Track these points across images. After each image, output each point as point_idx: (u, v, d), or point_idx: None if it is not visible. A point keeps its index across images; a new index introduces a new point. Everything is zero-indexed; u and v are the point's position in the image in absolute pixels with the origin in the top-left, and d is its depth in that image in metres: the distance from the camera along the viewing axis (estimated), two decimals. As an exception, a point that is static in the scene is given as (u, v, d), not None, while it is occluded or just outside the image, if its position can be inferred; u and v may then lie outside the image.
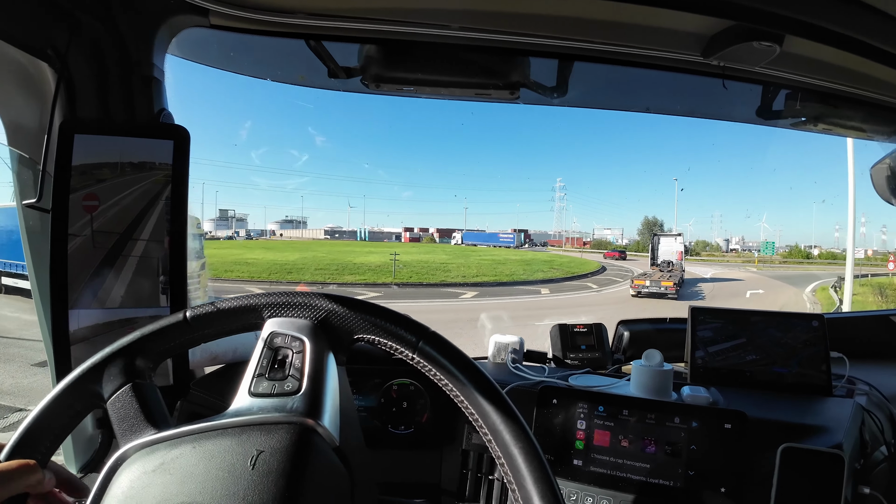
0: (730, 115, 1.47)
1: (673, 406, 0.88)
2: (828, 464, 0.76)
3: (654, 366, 0.96)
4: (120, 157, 1.01)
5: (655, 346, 1.01)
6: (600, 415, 0.91)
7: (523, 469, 0.46)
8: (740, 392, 1.05)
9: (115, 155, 1.00)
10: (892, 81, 1.17)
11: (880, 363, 1.46)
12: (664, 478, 0.85)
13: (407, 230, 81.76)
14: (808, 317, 1.12)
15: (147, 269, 1.00)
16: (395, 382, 1.12)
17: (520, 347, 1.24)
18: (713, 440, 0.85)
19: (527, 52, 1.14)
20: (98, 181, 0.98)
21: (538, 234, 79.97)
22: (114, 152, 1.00)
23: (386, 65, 1.16)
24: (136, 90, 1.07)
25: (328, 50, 1.14)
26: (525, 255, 40.20)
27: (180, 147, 1.02)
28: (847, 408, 0.95)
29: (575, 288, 22.19)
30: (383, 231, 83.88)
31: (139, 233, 1.00)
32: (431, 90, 1.21)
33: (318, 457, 0.48)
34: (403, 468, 1.11)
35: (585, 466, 0.90)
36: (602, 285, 23.48)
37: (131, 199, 1.01)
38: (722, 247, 71.00)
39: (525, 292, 20.15)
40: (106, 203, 0.99)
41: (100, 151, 0.99)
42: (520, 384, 1.04)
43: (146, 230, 1.00)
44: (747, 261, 51.49)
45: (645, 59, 1.14)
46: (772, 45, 0.97)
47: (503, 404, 0.49)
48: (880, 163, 1.59)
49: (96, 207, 0.98)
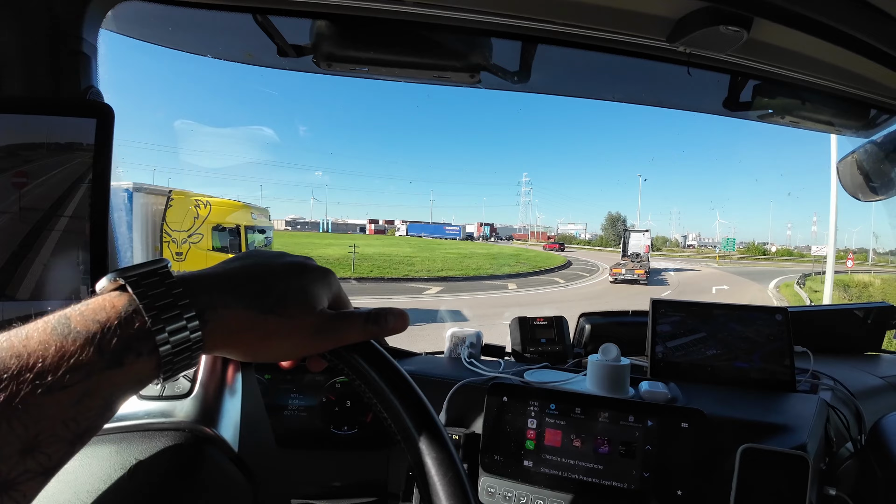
0: (697, 106, 1.44)
1: (627, 404, 0.84)
2: (791, 466, 0.72)
3: (610, 360, 0.92)
4: (37, 138, 0.92)
5: (617, 339, 0.97)
6: (552, 413, 0.86)
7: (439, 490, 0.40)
8: (701, 388, 1.01)
9: (31, 135, 0.92)
10: (862, 73, 1.15)
11: (845, 357, 1.46)
12: (618, 480, 0.81)
13: (372, 222, 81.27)
14: (771, 310, 1.10)
15: (65, 259, 0.92)
16: (339, 380, 1.06)
17: (477, 341, 1.19)
18: (670, 440, 0.80)
19: (488, 32, 1.08)
20: (11, 165, 0.90)
21: (504, 228, 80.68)
22: (29, 132, 0.92)
23: (338, 42, 1.09)
24: (63, 65, 1.00)
25: (276, 26, 1.07)
26: (491, 249, 40.18)
27: (104, 126, 0.94)
28: (811, 404, 0.92)
29: (542, 283, 22.35)
30: (347, 223, 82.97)
31: (55, 222, 0.91)
32: (387, 71, 1.14)
33: (209, 467, 0.43)
34: (349, 470, 1.05)
35: (536, 468, 0.85)
36: (569, 280, 24.06)
37: (49, 185, 0.93)
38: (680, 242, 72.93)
39: (492, 287, 19.96)
40: (22, 189, 0.90)
41: (13, 131, 0.90)
42: (471, 380, 0.99)
43: (64, 218, 0.92)
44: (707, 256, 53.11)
45: (610, 44, 1.10)
46: (739, 30, 0.93)
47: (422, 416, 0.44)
48: (847, 158, 1.58)
49: (10, 194, 0.89)
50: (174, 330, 0.36)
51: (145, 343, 0.35)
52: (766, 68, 1.15)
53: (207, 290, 0.40)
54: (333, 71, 1.14)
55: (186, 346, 0.37)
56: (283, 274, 0.44)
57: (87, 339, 0.33)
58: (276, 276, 0.43)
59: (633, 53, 1.13)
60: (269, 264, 0.44)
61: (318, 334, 0.43)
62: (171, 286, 0.37)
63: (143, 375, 0.36)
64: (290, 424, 1.03)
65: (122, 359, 0.34)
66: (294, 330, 0.42)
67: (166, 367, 0.37)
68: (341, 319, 0.45)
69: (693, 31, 0.97)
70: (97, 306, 0.35)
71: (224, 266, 0.43)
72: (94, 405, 0.33)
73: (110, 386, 0.34)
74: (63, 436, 0.32)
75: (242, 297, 0.41)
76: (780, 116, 1.45)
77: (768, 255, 57.32)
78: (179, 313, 0.37)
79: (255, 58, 1.18)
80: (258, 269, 0.43)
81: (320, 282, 0.45)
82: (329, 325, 0.44)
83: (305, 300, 0.43)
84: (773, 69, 1.15)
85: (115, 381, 0.34)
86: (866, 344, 1.56)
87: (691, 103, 1.45)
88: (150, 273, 0.38)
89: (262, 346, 0.42)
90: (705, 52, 1.08)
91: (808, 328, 1.47)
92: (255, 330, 0.41)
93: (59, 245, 0.91)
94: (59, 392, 0.31)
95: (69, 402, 0.31)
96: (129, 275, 0.37)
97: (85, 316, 0.34)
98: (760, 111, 1.44)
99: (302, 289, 0.44)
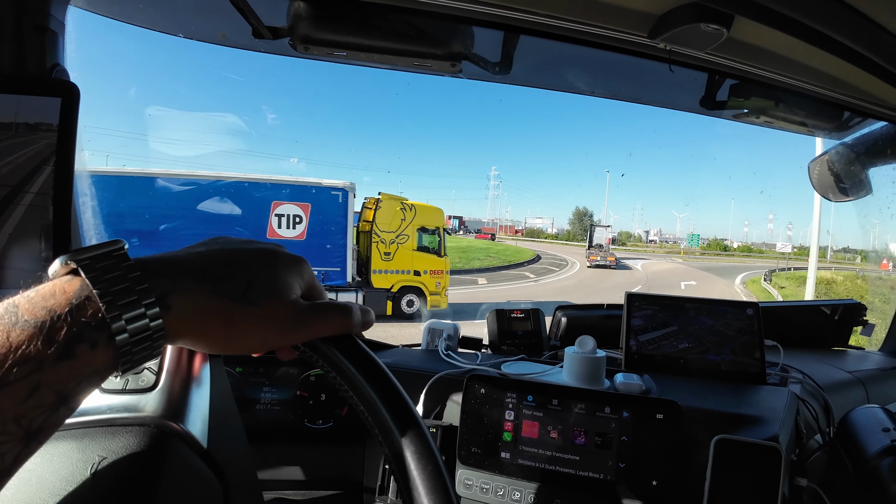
0: (674, 104, 1.46)
1: (603, 395, 0.84)
2: (764, 456, 0.73)
3: (586, 352, 0.92)
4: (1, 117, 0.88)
5: (593, 332, 0.97)
6: (529, 405, 0.86)
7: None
8: (675, 380, 1.02)
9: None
10: (838, 76, 1.17)
11: (813, 352, 1.50)
12: (594, 471, 0.81)
13: None
14: (742, 304, 1.12)
15: (29, 243, 0.88)
16: (313, 373, 1.03)
17: (454, 333, 1.18)
18: (645, 431, 0.81)
19: (471, 20, 1.07)
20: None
21: (472, 222, 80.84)
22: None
23: (317, 25, 1.07)
24: (28, 41, 0.95)
25: (251, 5, 1.04)
26: (461, 243, 39.98)
27: (68, 106, 0.89)
28: (782, 397, 0.94)
29: (513, 277, 22.38)
30: None
31: (19, 204, 0.87)
32: (366, 56, 1.12)
33: (175, 463, 0.41)
34: (323, 464, 1.03)
35: (513, 459, 0.85)
36: (539, 275, 24.26)
37: (12, 166, 0.88)
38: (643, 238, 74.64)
39: (462, 282, 19.56)
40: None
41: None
42: (449, 372, 0.98)
43: (27, 200, 0.88)
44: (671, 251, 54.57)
45: (592, 37, 1.10)
46: (720, 28, 0.94)
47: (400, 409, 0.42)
48: (819, 158, 1.62)
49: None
50: (132, 318, 0.33)
51: (100, 332, 0.32)
52: (743, 67, 1.17)
53: (169, 273, 0.36)
54: (310, 55, 1.11)
55: (146, 334, 0.34)
56: (253, 260, 0.41)
57: (35, 329, 0.30)
58: (245, 262, 0.40)
59: (614, 48, 1.14)
60: (237, 249, 0.41)
61: (290, 325, 0.41)
62: (129, 269, 0.34)
63: (100, 367, 0.33)
64: (263, 418, 1.00)
65: (73, 349, 0.31)
66: (264, 320, 0.40)
67: (125, 357, 0.34)
68: (316, 311, 0.42)
69: (674, 27, 0.97)
70: (46, 292, 0.32)
71: (188, 250, 0.40)
72: (46, 401, 0.30)
73: (63, 379, 0.31)
74: (14, 433, 0.29)
75: (208, 282, 0.38)
76: (755, 116, 1.48)
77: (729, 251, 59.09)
78: (137, 299, 0.33)
79: (228, 39, 1.14)
80: (225, 254, 0.41)
81: (292, 270, 0.43)
82: (303, 316, 0.41)
83: (277, 288, 0.41)
84: (750, 69, 1.17)
85: (68, 374, 0.31)
86: (834, 340, 1.61)
87: (669, 100, 1.47)
88: (104, 255, 0.34)
89: (230, 336, 0.39)
90: (685, 49, 1.08)
91: (778, 323, 1.50)
92: (222, 319, 0.38)
93: (18, 230, 0.87)
94: (6, 387, 0.28)
95: (18, 397, 0.29)
96: (82, 257, 0.34)
97: (34, 303, 0.31)
98: (736, 110, 1.47)
99: (273, 276, 0.41)
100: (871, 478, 0.80)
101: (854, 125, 1.49)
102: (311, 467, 1.03)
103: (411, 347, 1.29)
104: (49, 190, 0.89)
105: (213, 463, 0.45)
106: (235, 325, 0.38)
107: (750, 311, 1.10)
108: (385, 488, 0.94)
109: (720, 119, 1.51)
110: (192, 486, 0.42)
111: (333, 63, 1.16)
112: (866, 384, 1.30)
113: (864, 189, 1.56)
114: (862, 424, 0.92)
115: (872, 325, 1.61)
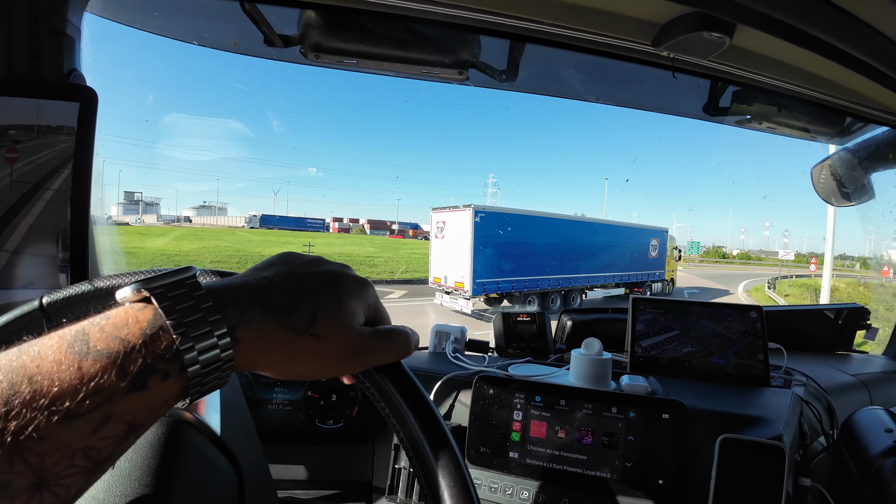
0: (677, 110, 1.47)
1: (610, 395, 0.85)
2: (768, 455, 0.74)
3: (592, 354, 0.94)
4: (21, 120, 0.90)
5: (598, 335, 0.99)
6: (537, 405, 0.87)
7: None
8: (679, 382, 1.04)
9: (15, 117, 0.90)
10: (839, 82, 1.19)
11: (817, 356, 1.50)
12: (601, 470, 0.82)
13: (336, 220, 78.43)
14: (746, 308, 1.13)
15: (45, 245, 0.90)
16: None
17: (461, 336, 1.20)
18: (651, 431, 0.82)
19: (478, 29, 1.09)
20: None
21: None
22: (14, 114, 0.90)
23: (327, 34, 1.09)
24: (45, 47, 0.97)
25: (264, 14, 1.06)
26: None
27: (86, 110, 0.92)
28: (786, 398, 0.95)
29: None
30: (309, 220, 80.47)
31: (35, 205, 0.89)
32: (375, 64, 1.14)
33: (192, 451, 0.43)
34: (333, 464, 1.05)
35: (521, 459, 0.86)
36: None
37: (31, 168, 0.90)
38: None
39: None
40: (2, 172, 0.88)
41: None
42: (457, 374, 0.99)
43: (44, 202, 0.90)
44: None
45: (596, 46, 1.12)
46: (722, 36, 0.96)
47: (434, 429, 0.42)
48: (821, 164, 1.63)
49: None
50: (204, 349, 0.32)
51: (173, 363, 0.31)
52: (746, 74, 1.19)
53: (238, 303, 0.36)
54: (321, 63, 1.13)
55: (216, 365, 0.33)
56: (317, 286, 0.40)
57: (108, 360, 0.29)
58: (310, 290, 0.40)
59: (618, 56, 1.15)
60: (302, 273, 0.41)
61: (352, 357, 0.41)
62: (201, 299, 0.34)
63: (170, 398, 0.32)
64: (274, 418, 1.01)
65: (146, 381, 0.30)
66: (327, 352, 0.39)
67: (195, 388, 0.33)
68: (377, 341, 0.42)
69: (677, 35, 0.99)
70: (119, 321, 0.31)
71: (254, 275, 0.40)
72: (115, 432, 0.29)
73: (133, 411, 0.30)
74: (81, 465, 0.28)
75: (275, 313, 0.37)
76: (757, 122, 1.49)
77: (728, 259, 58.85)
78: (210, 330, 0.33)
79: (240, 46, 1.17)
80: (290, 280, 0.40)
81: (356, 295, 0.42)
82: (364, 346, 0.41)
83: (341, 319, 0.40)
84: (752, 75, 1.19)
85: (139, 406, 0.30)
86: (838, 343, 1.61)
87: (672, 107, 1.48)
88: (177, 283, 0.34)
89: (293, 366, 0.39)
90: (688, 56, 1.10)
91: (782, 327, 1.51)
92: (287, 351, 0.38)
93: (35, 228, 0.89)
94: (77, 419, 0.27)
95: (88, 429, 0.28)
96: (155, 285, 0.33)
97: (105, 332, 0.30)
98: (739, 116, 1.48)
99: (337, 304, 0.40)
100: (874, 478, 0.81)
101: (856, 130, 1.51)
102: (321, 467, 1.04)
103: (418, 350, 1.30)
104: (67, 190, 0.91)
105: (227, 450, 0.46)
106: (299, 356, 0.38)
107: (753, 314, 1.11)
108: (394, 488, 0.95)
109: (720, 126, 1.53)
110: (210, 473, 0.44)
111: (342, 70, 1.18)
112: (869, 387, 1.31)
113: (867, 194, 1.57)
114: (865, 426, 0.93)
115: (876, 328, 1.62)
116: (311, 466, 1.04)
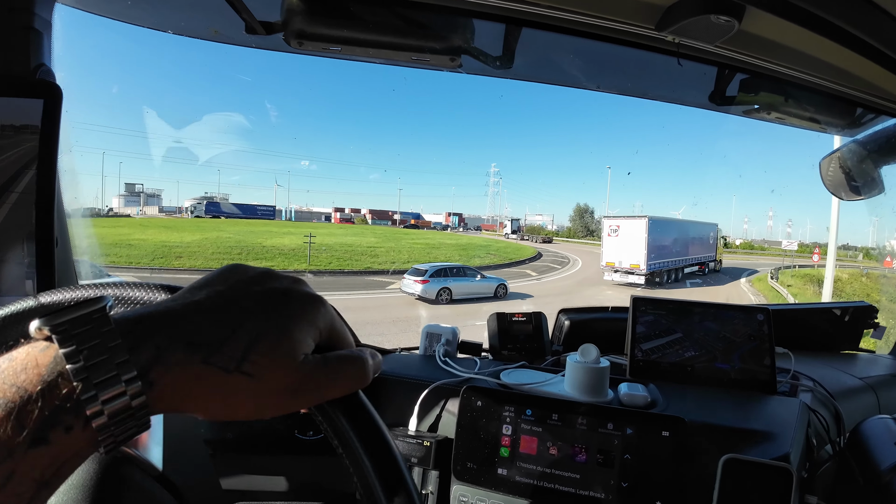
0: (682, 99, 1.41)
1: (606, 411, 0.80)
2: (774, 477, 0.69)
3: (589, 362, 0.88)
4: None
5: (597, 335, 0.94)
6: (528, 419, 0.82)
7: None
8: (681, 389, 0.99)
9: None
10: (851, 70, 1.12)
11: (823, 356, 1.46)
12: (595, 490, 0.77)
13: (337, 210, 78.48)
14: (753, 309, 1.07)
15: (8, 250, 0.85)
16: None
17: (453, 338, 1.15)
18: (649, 449, 0.77)
19: (471, 12, 1.03)
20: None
21: (472, 219, 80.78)
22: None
23: (310, 19, 1.03)
24: (12, 41, 0.93)
25: (243, 1, 1.00)
26: (461, 240, 39.58)
27: (51, 107, 0.86)
28: (793, 409, 0.90)
29: (514, 276, 22.06)
30: (312, 211, 79.28)
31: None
32: (362, 51, 1.08)
33: (131, 490, 0.38)
34: (315, 476, 1.00)
35: (510, 476, 0.81)
36: (541, 272, 24.27)
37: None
38: None
39: None
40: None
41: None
42: (445, 382, 0.94)
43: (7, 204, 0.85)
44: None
45: (596, 30, 1.06)
46: (730, 19, 0.90)
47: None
48: (830, 156, 1.57)
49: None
50: (109, 398, 0.28)
51: (76, 416, 0.28)
52: (754, 61, 1.12)
53: (154, 338, 0.31)
54: (304, 50, 1.07)
55: (127, 413, 0.29)
56: (256, 310, 0.35)
57: (4, 412, 0.26)
58: (247, 314, 0.34)
59: (620, 41, 1.09)
60: (239, 296, 0.35)
61: (293, 394, 0.35)
62: (108, 336, 0.29)
63: (79, 450, 0.29)
64: (253, 428, 0.97)
65: (46, 435, 0.27)
66: (263, 391, 0.34)
67: (107, 441, 0.29)
68: (327, 371, 0.36)
69: (683, 19, 0.93)
70: (18, 364, 0.28)
71: (184, 298, 0.35)
72: (21, 489, 0.26)
73: (38, 467, 0.27)
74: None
75: (198, 348, 0.32)
76: (766, 112, 1.43)
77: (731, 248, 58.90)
78: (116, 374, 0.29)
79: (221, 34, 1.10)
80: (223, 304, 0.34)
81: (304, 317, 0.36)
82: (309, 380, 0.35)
83: (282, 350, 0.34)
84: (761, 62, 1.12)
85: (44, 461, 0.27)
86: (844, 342, 1.57)
87: (677, 96, 1.42)
88: (83, 318, 0.29)
89: (223, 408, 0.34)
90: (694, 42, 1.04)
91: (787, 326, 1.46)
92: (215, 392, 0.33)
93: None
94: None
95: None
96: (59, 321, 0.29)
97: (4, 377, 0.27)
98: (746, 106, 1.42)
99: (278, 332, 0.35)
100: (883, 492, 0.77)
101: (867, 122, 1.45)
102: (300, 478, 1.00)
103: (410, 351, 1.25)
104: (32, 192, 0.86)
105: (171, 485, 0.43)
106: (229, 398, 0.33)
107: (761, 316, 1.05)
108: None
109: (725, 115, 1.47)
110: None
111: (329, 58, 1.12)
112: (877, 390, 1.26)
113: (877, 188, 1.51)
114: (875, 436, 0.88)
115: (883, 327, 1.57)
116: (291, 478, 1.00)
